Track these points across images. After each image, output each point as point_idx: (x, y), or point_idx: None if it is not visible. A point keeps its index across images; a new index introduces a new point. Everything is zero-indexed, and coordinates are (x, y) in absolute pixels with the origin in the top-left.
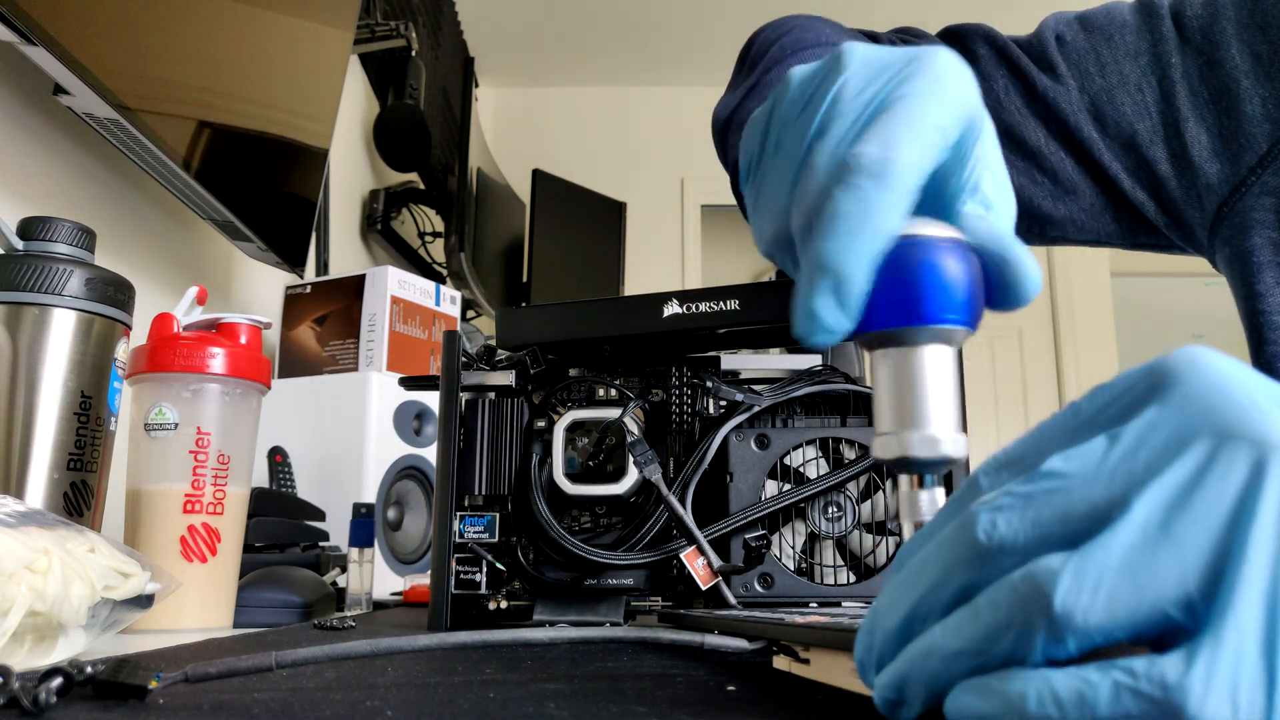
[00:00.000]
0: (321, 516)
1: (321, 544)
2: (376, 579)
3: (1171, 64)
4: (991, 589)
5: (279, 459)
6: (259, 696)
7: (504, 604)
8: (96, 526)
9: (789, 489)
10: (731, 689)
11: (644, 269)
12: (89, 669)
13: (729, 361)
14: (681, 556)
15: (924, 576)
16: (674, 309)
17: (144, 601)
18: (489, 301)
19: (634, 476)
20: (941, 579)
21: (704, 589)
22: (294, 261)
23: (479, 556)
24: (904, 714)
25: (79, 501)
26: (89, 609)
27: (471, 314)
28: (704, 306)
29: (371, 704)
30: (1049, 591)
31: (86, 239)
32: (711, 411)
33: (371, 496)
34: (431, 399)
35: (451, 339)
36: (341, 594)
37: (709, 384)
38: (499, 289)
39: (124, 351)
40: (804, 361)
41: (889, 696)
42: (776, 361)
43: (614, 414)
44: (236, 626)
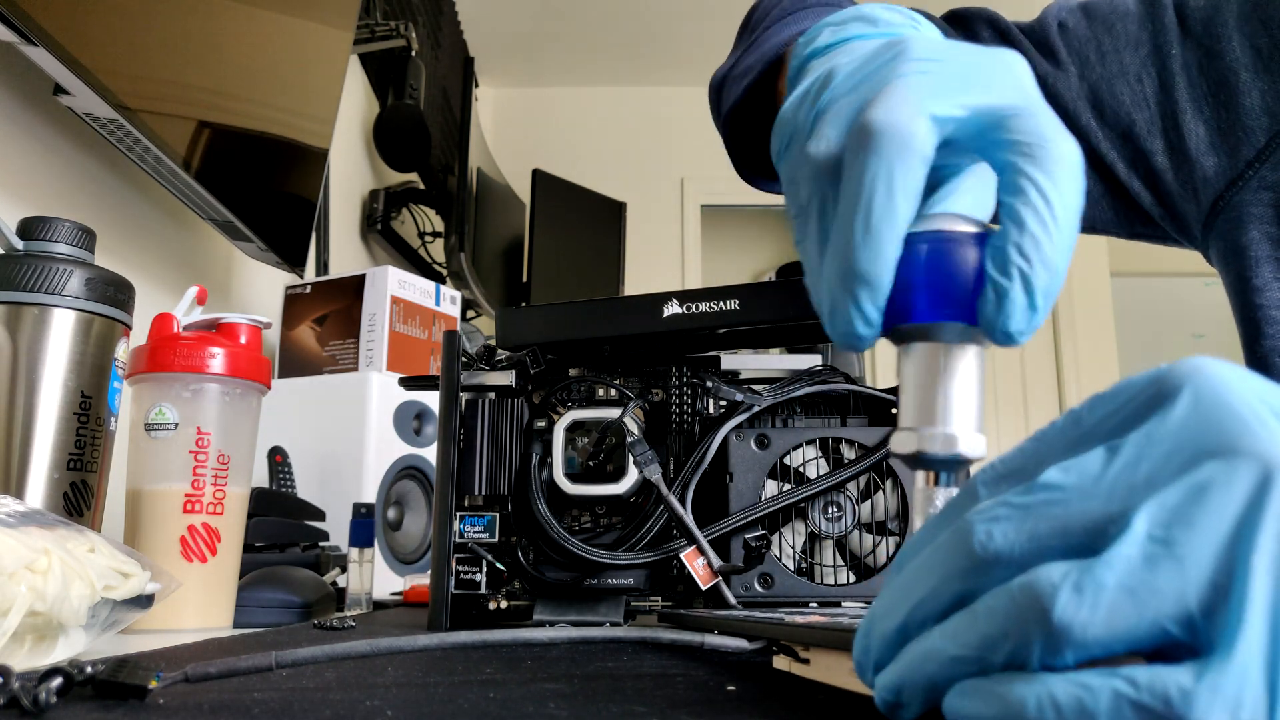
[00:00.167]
0: (321, 516)
1: (321, 544)
2: (376, 579)
3: (1171, 55)
4: (990, 596)
5: (279, 459)
6: (259, 696)
7: (504, 604)
8: (96, 526)
9: (789, 489)
10: (731, 689)
11: (644, 269)
12: (89, 669)
13: (729, 361)
14: (681, 556)
15: (920, 583)
16: (674, 309)
17: (144, 601)
18: (489, 301)
19: (634, 476)
20: (937, 587)
21: (704, 589)
22: (294, 261)
23: (479, 556)
24: (904, 715)
25: (79, 501)
26: (89, 609)
27: (471, 314)
28: (704, 306)
29: (371, 704)
30: (1048, 604)
31: (86, 239)
32: (711, 411)
33: (371, 496)
34: (431, 399)
35: (451, 339)
36: (341, 594)
37: (709, 384)
38: (499, 289)
39: (124, 351)
40: (804, 361)
41: (888, 699)
42: (776, 361)
43: (614, 414)
44: (236, 626)
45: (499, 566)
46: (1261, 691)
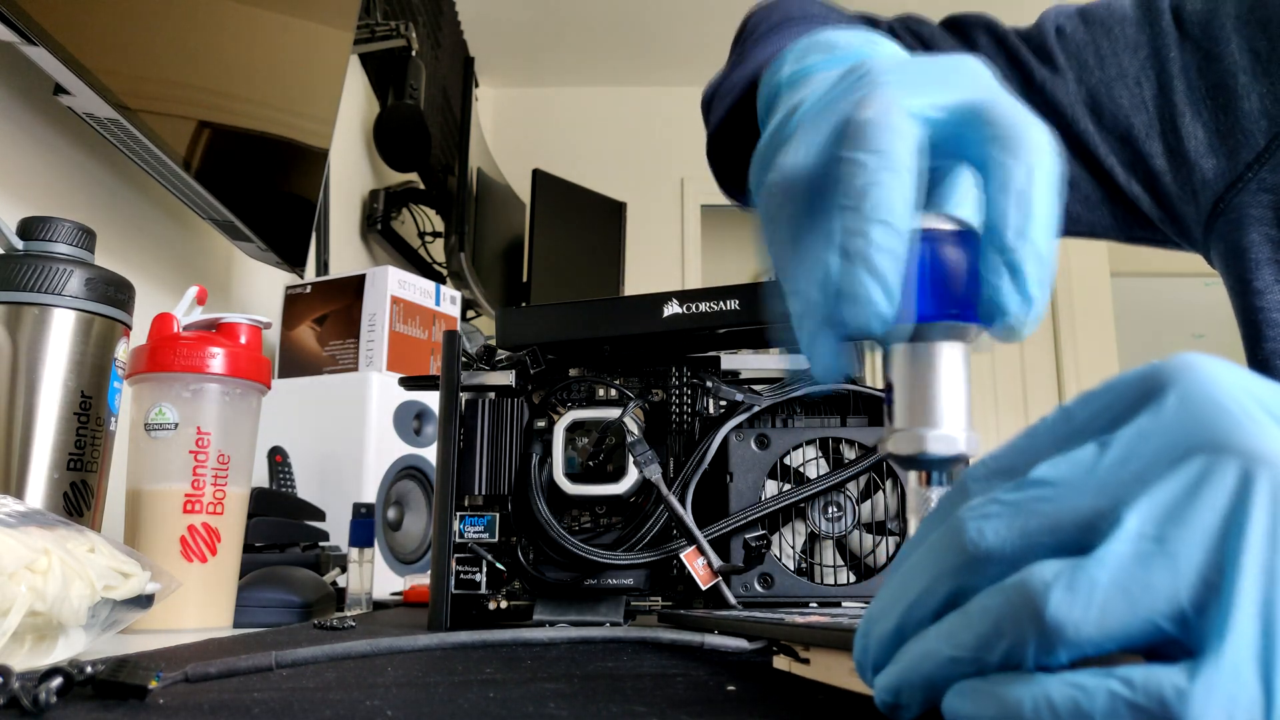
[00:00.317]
0: (321, 516)
1: (321, 544)
2: (376, 579)
3: (1170, 58)
4: (984, 595)
5: (279, 459)
6: (259, 696)
7: (504, 604)
8: (96, 526)
9: (789, 489)
10: (731, 689)
11: (644, 269)
12: (89, 669)
13: (729, 361)
14: (681, 556)
15: (914, 582)
16: (674, 309)
17: (144, 601)
18: (489, 301)
19: (634, 476)
20: (931, 585)
21: (704, 589)
22: (294, 261)
23: (479, 556)
24: (903, 716)
25: (79, 501)
26: (89, 609)
27: (471, 314)
28: (704, 306)
29: (371, 704)
30: (1041, 603)
31: (86, 239)
32: (711, 411)
33: (371, 496)
34: (431, 399)
35: (451, 339)
36: (341, 594)
37: (709, 384)
38: (499, 289)
39: (124, 351)
40: (804, 361)
41: (887, 699)
42: (776, 361)
43: (614, 414)
44: (236, 626)
45: (499, 566)
46: (1256, 688)
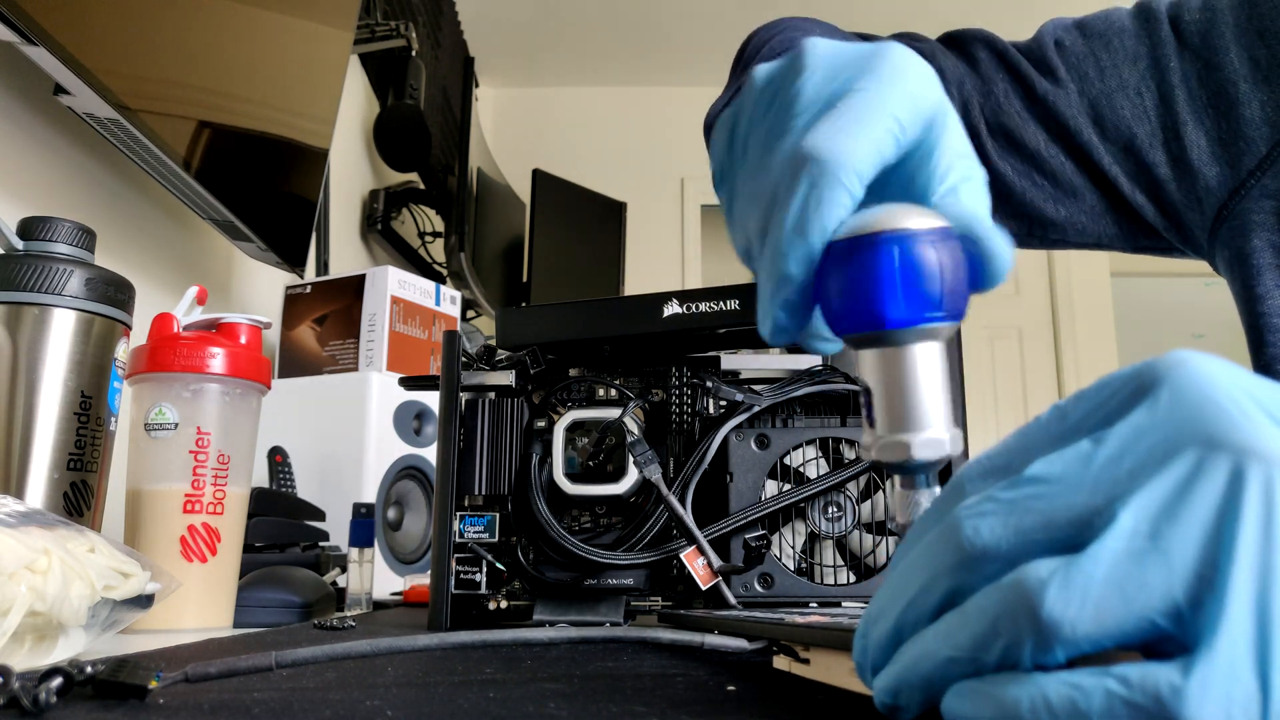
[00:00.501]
0: (321, 516)
1: (321, 544)
2: (376, 579)
3: (1170, 68)
4: (980, 595)
5: (279, 459)
6: (259, 696)
7: (504, 604)
8: (96, 526)
9: (789, 489)
10: (731, 689)
11: (644, 269)
12: (89, 669)
13: (729, 361)
14: (681, 556)
15: (911, 582)
16: (674, 309)
17: (144, 601)
18: (489, 301)
19: (634, 476)
20: (928, 585)
21: (704, 589)
22: (294, 261)
23: (479, 556)
24: (903, 717)
25: (79, 501)
26: (89, 609)
27: (471, 314)
28: (704, 306)
29: (371, 704)
30: (1036, 601)
31: (86, 239)
32: (711, 411)
33: (371, 496)
34: (431, 399)
35: (451, 339)
36: (341, 594)
37: (709, 384)
38: (499, 289)
39: (124, 351)
40: (804, 361)
41: (886, 700)
42: (776, 361)
43: (614, 414)
44: (236, 626)
45: (499, 566)
46: (1252, 682)
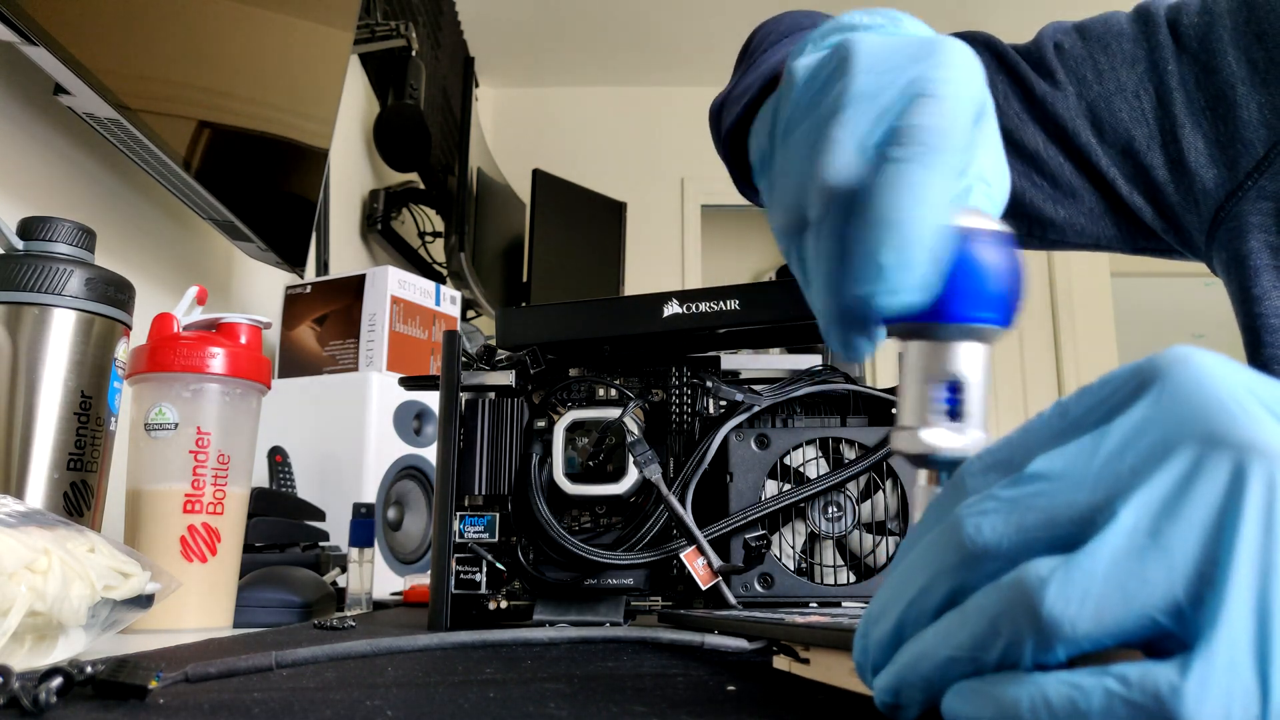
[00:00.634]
0: (321, 516)
1: (321, 544)
2: (376, 579)
3: (1168, 71)
4: (980, 594)
5: (279, 459)
6: (259, 696)
7: (504, 604)
8: (96, 526)
9: (789, 489)
10: (731, 689)
11: (644, 269)
12: (89, 669)
13: (729, 361)
14: (681, 556)
15: (913, 581)
16: (674, 309)
17: (144, 601)
18: (489, 301)
19: (634, 476)
20: (929, 584)
21: (704, 589)
22: (294, 261)
23: (479, 556)
24: (903, 717)
25: (79, 501)
26: (89, 609)
27: (471, 314)
28: (704, 306)
29: (371, 704)
30: (1037, 599)
31: (86, 239)
32: (711, 411)
33: (371, 496)
34: (431, 399)
35: (451, 339)
36: (341, 594)
37: (709, 384)
38: (499, 289)
39: (124, 351)
40: (804, 361)
41: (886, 700)
42: (776, 361)
43: (614, 414)
44: (236, 626)
45: (499, 566)
46: (1252, 680)
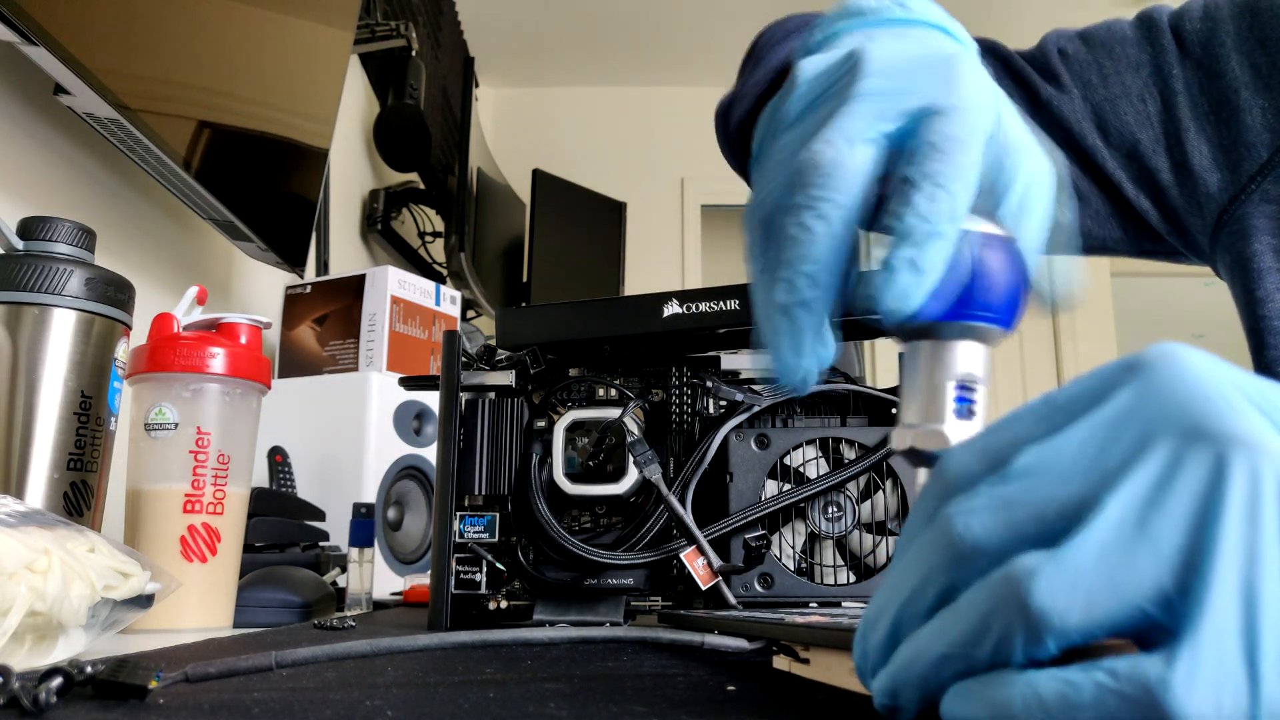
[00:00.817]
0: (321, 516)
1: (321, 544)
2: (376, 579)
3: (1173, 75)
4: (971, 591)
5: (279, 459)
6: (259, 696)
7: (504, 604)
8: (96, 526)
9: (789, 489)
10: (731, 689)
11: (644, 269)
12: (89, 669)
13: (729, 361)
14: (681, 556)
15: (906, 581)
16: (674, 309)
17: (144, 601)
18: (489, 301)
19: (634, 476)
20: (922, 583)
21: (704, 589)
22: (294, 261)
23: (479, 556)
24: (903, 717)
25: (79, 501)
26: (89, 609)
27: (471, 314)
28: (704, 306)
29: (371, 704)
30: (1025, 593)
31: (86, 239)
32: (711, 411)
33: (371, 496)
34: (431, 399)
35: (451, 339)
36: (341, 594)
37: (709, 384)
38: (499, 289)
39: (124, 351)
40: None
41: (885, 702)
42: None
43: (614, 414)
44: (236, 626)
45: (499, 566)
46: (1240, 669)
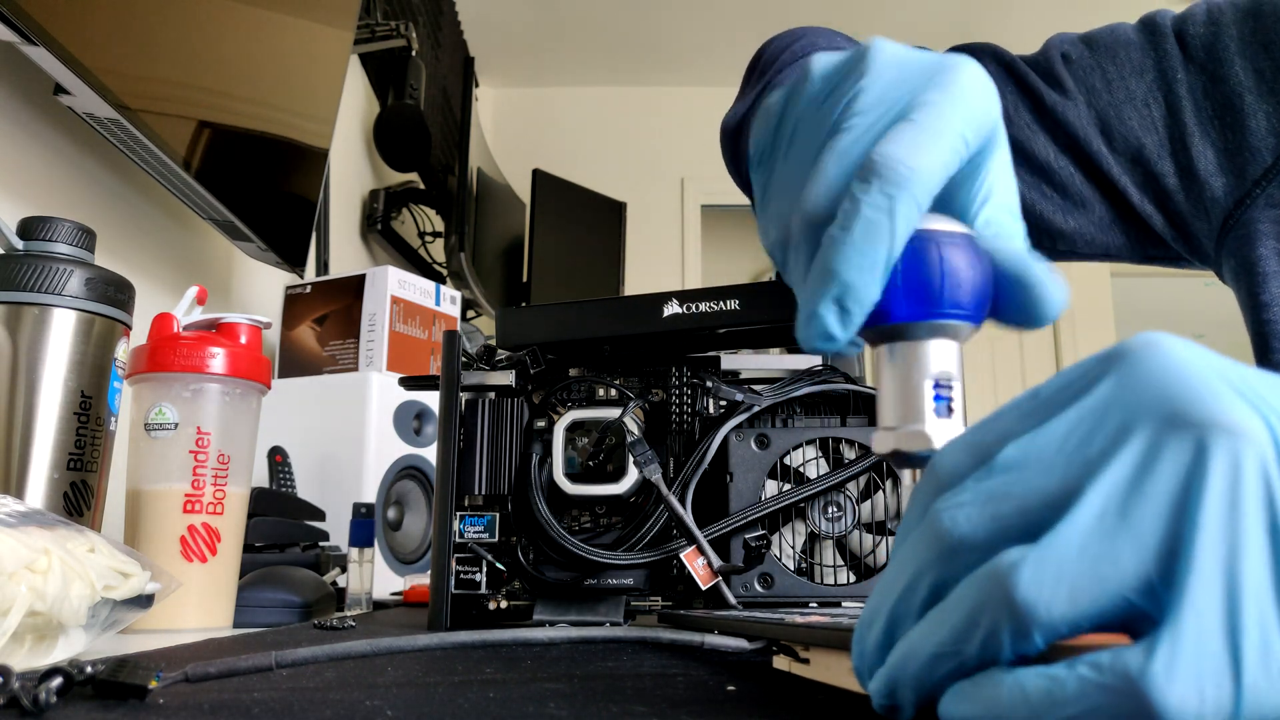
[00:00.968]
0: (321, 516)
1: (321, 544)
2: (376, 579)
3: (1177, 80)
4: (959, 587)
5: (279, 459)
6: (259, 696)
7: (504, 604)
8: (96, 526)
9: (789, 489)
10: (731, 689)
11: (644, 269)
12: (89, 669)
13: (729, 361)
14: (681, 556)
15: (899, 579)
16: (674, 309)
17: (144, 601)
18: (489, 301)
19: (634, 476)
20: (914, 581)
21: (704, 589)
22: (294, 261)
23: (479, 556)
24: (901, 717)
25: (79, 501)
26: (89, 609)
27: (471, 314)
28: (704, 306)
29: (371, 704)
30: (1010, 586)
31: (86, 239)
32: (711, 411)
33: (371, 496)
34: (431, 399)
35: (451, 339)
36: (341, 594)
37: (709, 384)
38: (499, 289)
39: (124, 351)
40: (804, 361)
41: (882, 702)
42: (776, 361)
43: (614, 414)
44: (236, 626)
45: (499, 566)
46: (1223, 657)
